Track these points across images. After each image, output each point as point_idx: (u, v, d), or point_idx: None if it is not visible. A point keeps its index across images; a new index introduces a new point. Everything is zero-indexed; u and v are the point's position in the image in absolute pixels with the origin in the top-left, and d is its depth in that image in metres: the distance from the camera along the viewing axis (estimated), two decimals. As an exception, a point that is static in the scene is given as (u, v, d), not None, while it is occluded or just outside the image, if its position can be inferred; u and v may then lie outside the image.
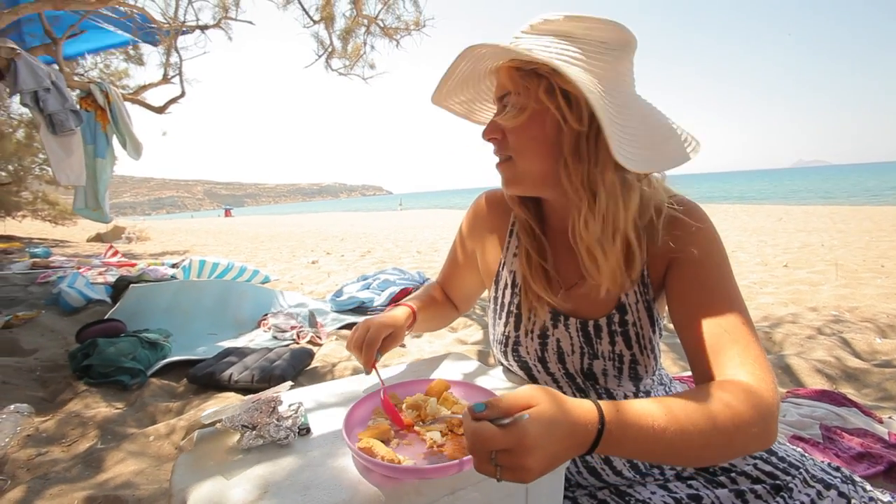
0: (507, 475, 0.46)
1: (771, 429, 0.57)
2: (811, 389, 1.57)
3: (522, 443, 0.45)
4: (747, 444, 0.56)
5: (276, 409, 0.67)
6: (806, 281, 3.56)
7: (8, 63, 2.49)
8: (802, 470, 0.74)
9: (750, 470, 0.75)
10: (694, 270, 0.69)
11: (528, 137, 0.69)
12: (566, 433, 0.48)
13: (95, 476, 1.33)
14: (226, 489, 0.55)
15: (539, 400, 0.48)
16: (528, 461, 0.45)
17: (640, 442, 0.51)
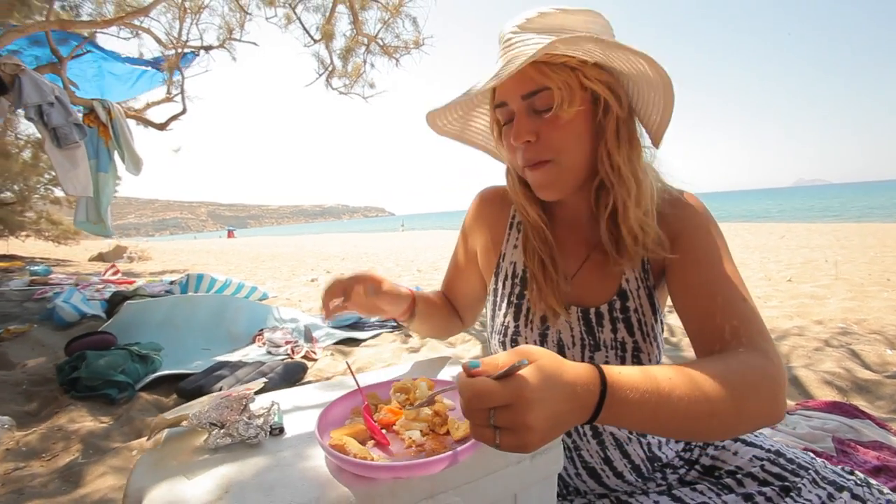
0: (507, 439, 0.42)
1: (780, 399, 0.55)
2: (821, 401, 1.51)
3: (523, 395, 0.41)
4: (757, 414, 0.54)
5: (248, 407, 0.63)
6: (811, 295, 3.50)
7: (12, 78, 2.53)
8: (812, 471, 0.69)
9: (757, 471, 0.71)
10: (692, 251, 0.69)
11: (573, 133, 0.68)
12: (568, 394, 0.44)
13: (73, 491, 1.27)
14: (185, 489, 0.51)
15: (537, 355, 0.45)
16: (529, 417, 0.41)
17: (645, 407, 0.47)
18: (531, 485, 0.61)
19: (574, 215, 0.80)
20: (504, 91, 0.69)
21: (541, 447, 0.44)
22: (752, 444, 0.77)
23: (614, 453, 0.76)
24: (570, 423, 0.46)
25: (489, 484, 0.57)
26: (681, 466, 0.80)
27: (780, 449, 0.75)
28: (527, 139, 0.67)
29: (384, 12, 4.41)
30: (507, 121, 0.72)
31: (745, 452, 0.75)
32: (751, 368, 0.55)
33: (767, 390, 0.54)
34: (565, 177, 0.70)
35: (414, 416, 0.61)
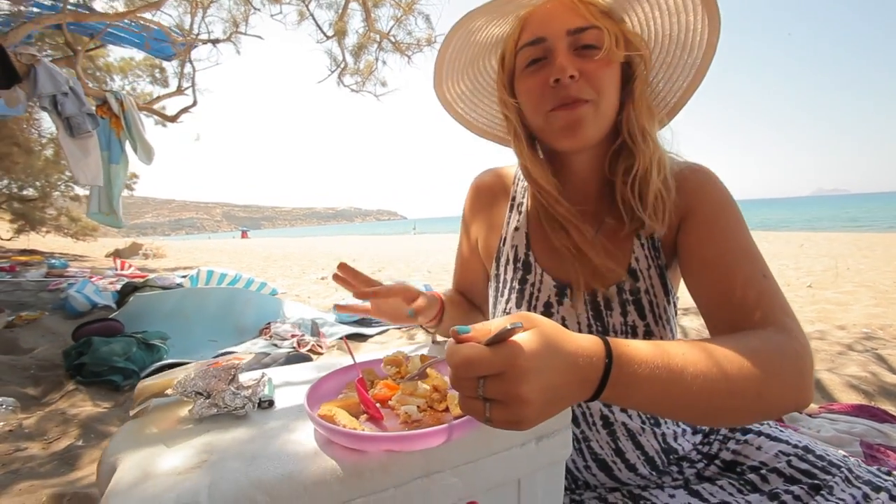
0: (498, 412, 0.37)
1: (807, 382, 0.50)
2: (847, 404, 1.43)
3: (516, 364, 0.36)
4: (781, 396, 0.48)
5: (236, 377, 0.59)
6: (833, 301, 3.38)
7: (28, 69, 2.57)
8: (845, 469, 0.63)
9: (783, 467, 0.65)
10: (706, 225, 0.64)
11: (612, 81, 0.65)
12: (568, 365, 0.39)
13: (69, 473, 1.25)
14: (163, 457, 0.47)
15: (536, 321, 0.40)
16: (522, 388, 0.36)
17: (655, 384, 0.42)
18: (537, 470, 0.57)
19: (582, 186, 0.75)
20: (544, 24, 0.64)
21: (536, 424, 0.38)
22: (777, 438, 0.71)
23: (626, 444, 0.70)
24: (569, 398, 0.40)
25: (490, 466, 0.53)
26: (699, 460, 0.74)
27: (808, 444, 0.69)
28: (572, 73, 0.62)
29: (397, 9, 4.42)
30: (532, 61, 0.66)
31: (769, 447, 0.69)
32: (774, 346, 0.50)
33: (793, 370, 0.49)
34: (596, 122, 0.65)
35: (411, 390, 0.56)
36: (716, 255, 0.61)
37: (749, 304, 0.56)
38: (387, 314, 0.77)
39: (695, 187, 0.68)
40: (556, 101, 0.64)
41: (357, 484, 0.45)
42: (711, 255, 0.62)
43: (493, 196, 0.85)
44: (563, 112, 0.64)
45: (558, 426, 0.57)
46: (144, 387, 0.59)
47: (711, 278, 0.61)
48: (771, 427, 0.75)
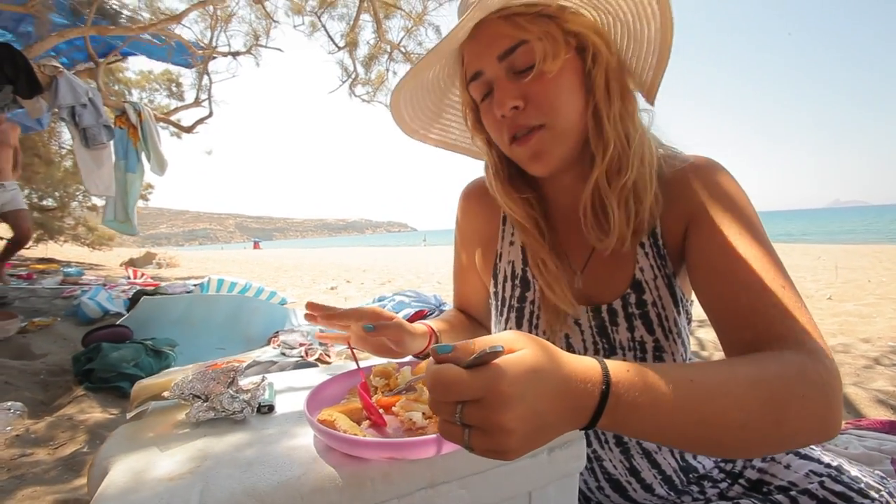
0: (477, 440, 0.33)
1: (832, 412, 0.44)
2: (876, 420, 1.36)
3: (496, 389, 0.32)
4: (803, 426, 0.42)
5: (235, 380, 0.57)
6: (855, 313, 3.27)
7: (50, 80, 2.64)
8: (885, 493, 0.58)
9: (815, 489, 0.59)
10: (713, 229, 0.57)
11: (563, 90, 0.58)
12: (558, 390, 0.35)
13: (74, 480, 1.24)
14: (155, 461, 0.46)
15: (522, 344, 0.36)
16: (503, 417, 0.32)
17: (658, 413, 0.38)
18: (548, 483, 0.53)
19: (572, 200, 0.68)
20: (476, 57, 0.60)
21: (522, 454, 0.35)
22: (807, 456, 0.65)
23: (641, 463, 0.66)
24: (559, 426, 0.36)
25: (500, 477, 0.50)
26: (722, 480, 0.69)
27: (842, 464, 0.63)
28: (513, 105, 0.58)
29: (407, 20, 4.48)
30: (484, 95, 0.62)
31: (799, 466, 0.64)
32: (796, 371, 0.44)
33: (817, 400, 0.43)
34: (559, 143, 0.60)
35: (416, 396, 0.54)
36: (727, 264, 0.55)
37: (766, 320, 0.50)
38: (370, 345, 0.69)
39: (700, 186, 0.61)
40: (511, 132, 0.61)
41: (357, 494, 0.42)
42: (722, 264, 0.55)
43: (484, 209, 0.80)
44: (521, 147, 0.61)
45: (572, 437, 0.54)
46: (142, 388, 0.58)
47: (722, 290, 0.55)
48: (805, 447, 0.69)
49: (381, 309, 0.69)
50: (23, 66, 2.42)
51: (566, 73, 0.58)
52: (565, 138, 0.61)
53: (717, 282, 0.55)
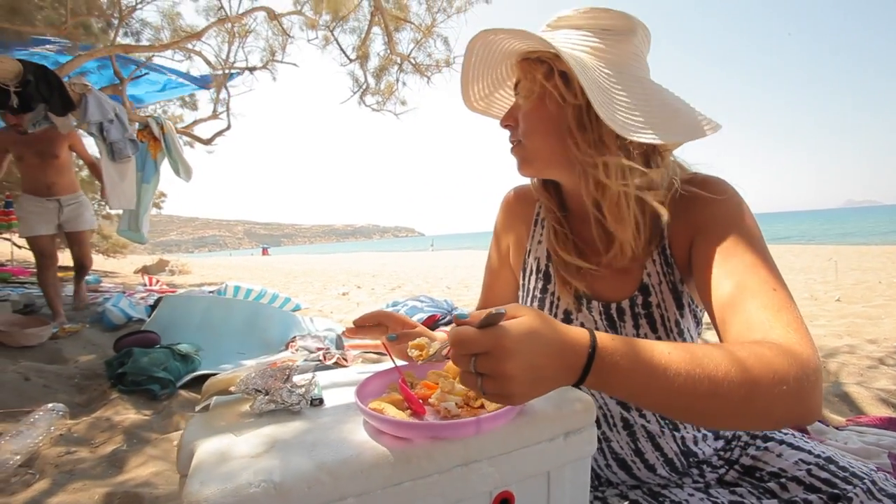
0: (488, 385, 0.44)
1: (809, 393, 0.48)
2: (875, 417, 1.42)
3: (501, 343, 0.43)
4: (774, 404, 0.47)
5: (291, 377, 0.66)
6: (863, 315, 3.30)
7: (80, 97, 2.77)
8: (868, 481, 0.63)
9: (803, 475, 0.66)
10: (716, 242, 0.65)
11: (535, 118, 0.73)
12: (553, 350, 0.46)
13: (117, 475, 1.33)
14: (234, 444, 0.54)
15: (524, 312, 0.47)
16: (507, 366, 0.43)
17: (635, 376, 0.47)
18: (565, 464, 0.61)
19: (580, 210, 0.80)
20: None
21: (527, 399, 0.47)
22: (799, 448, 0.72)
23: (646, 445, 0.74)
24: (554, 379, 0.47)
25: (523, 458, 0.57)
26: (720, 465, 0.77)
27: (832, 456, 0.69)
28: (507, 123, 0.77)
29: (417, 32, 4.61)
30: None
31: (790, 455, 0.70)
32: (772, 355, 0.49)
33: (792, 381, 0.47)
34: (532, 157, 0.75)
35: (449, 388, 0.62)
36: (726, 271, 0.62)
37: (758, 319, 0.56)
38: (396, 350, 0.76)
39: (706, 202, 0.69)
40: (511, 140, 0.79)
41: (406, 468, 0.51)
42: (721, 270, 0.63)
43: (521, 211, 0.92)
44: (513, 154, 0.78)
45: (585, 423, 0.61)
46: (212, 382, 0.66)
47: (721, 292, 0.61)
48: (795, 437, 0.76)
49: (406, 317, 0.81)
50: (56, 85, 2.56)
51: (542, 105, 0.72)
52: (539, 156, 0.75)
53: (718, 285, 0.62)
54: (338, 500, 0.48)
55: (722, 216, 0.67)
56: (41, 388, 1.94)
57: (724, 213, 0.67)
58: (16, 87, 2.55)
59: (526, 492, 0.58)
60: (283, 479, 0.46)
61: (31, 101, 2.65)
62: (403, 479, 0.50)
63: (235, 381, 0.64)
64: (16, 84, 2.55)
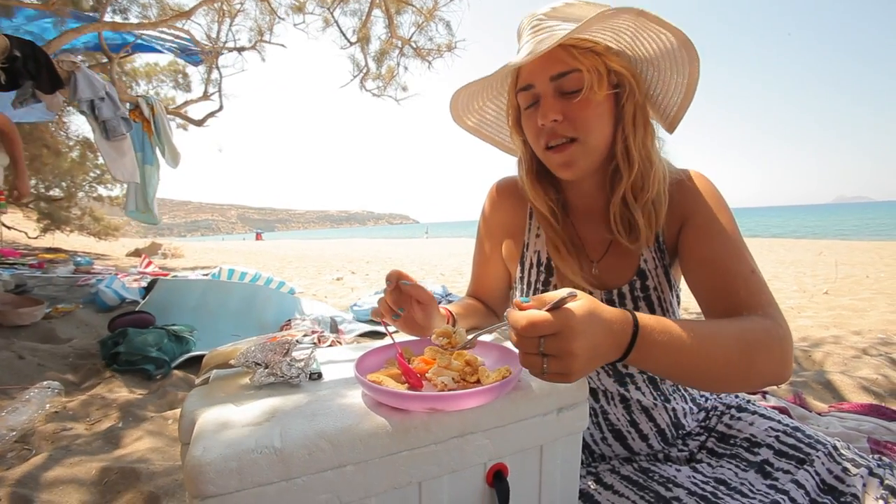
0: (553, 365, 0.47)
1: (787, 359, 0.60)
2: (857, 403, 1.46)
3: (570, 324, 0.46)
4: (766, 370, 0.59)
5: (290, 351, 0.67)
6: (849, 307, 3.36)
7: (69, 75, 2.72)
8: (829, 447, 0.70)
9: (772, 441, 0.72)
10: (703, 228, 0.73)
11: (597, 114, 0.71)
12: (605, 329, 0.49)
13: (113, 451, 1.34)
14: (235, 413, 0.55)
15: (580, 295, 0.50)
16: (574, 345, 0.46)
17: (670, 349, 0.52)
18: (557, 438, 0.63)
19: (592, 202, 0.83)
20: (531, 72, 0.71)
21: (580, 377, 0.49)
22: (770, 418, 0.78)
23: (640, 417, 0.78)
24: (605, 357, 0.50)
25: (517, 431, 0.59)
26: (700, 433, 0.81)
27: (799, 426, 0.75)
28: (554, 118, 0.70)
29: (418, 16, 4.55)
30: (529, 104, 0.75)
31: (761, 424, 0.76)
32: (762, 329, 0.60)
33: (777, 349, 0.59)
34: (587, 157, 0.73)
35: (446, 364, 0.63)
36: (712, 255, 0.70)
37: (740, 296, 0.66)
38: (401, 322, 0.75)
39: (693, 194, 0.75)
40: (546, 139, 0.73)
41: (404, 439, 0.52)
42: (708, 255, 0.71)
43: (513, 203, 0.91)
44: (556, 154, 0.73)
45: (577, 400, 0.63)
46: (212, 356, 0.67)
47: (708, 275, 0.70)
48: (766, 410, 0.82)
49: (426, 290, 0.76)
50: (44, 62, 2.50)
51: (603, 102, 0.71)
52: (594, 153, 0.74)
53: (705, 269, 0.71)
54: (337, 466, 0.49)
55: (705, 207, 0.74)
56: (35, 366, 1.94)
57: (707, 204, 0.74)
58: (2, 64, 2.49)
59: (519, 464, 0.60)
60: (283, 446, 0.48)
61: (18, 77, 2.59)
62: (401, 449, 0.52)
63: (235, 355, 0.65)
64: (2, 60, 2.49)
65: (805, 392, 1.64)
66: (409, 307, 0.73)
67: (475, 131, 0.91)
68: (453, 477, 0.56)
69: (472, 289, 1.00)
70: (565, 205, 0.85)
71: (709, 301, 0.70)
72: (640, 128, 0.72)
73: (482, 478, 0.58)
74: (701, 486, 0.67)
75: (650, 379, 0.79)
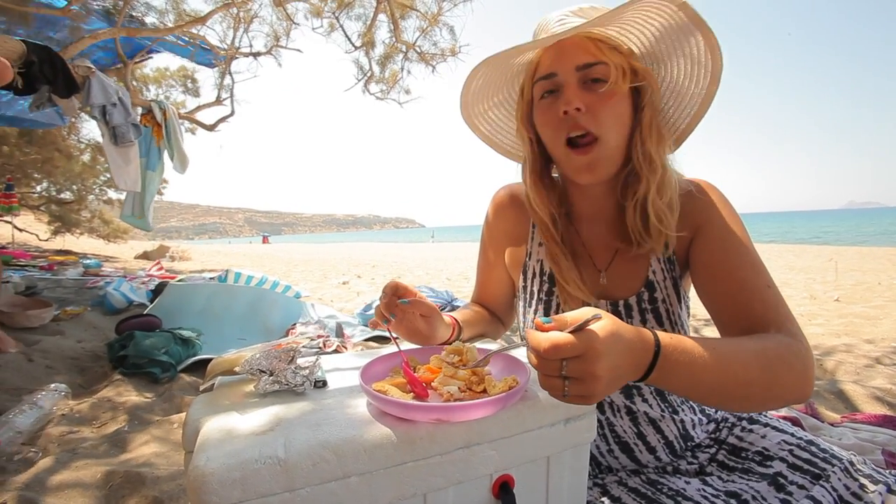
0: (575, 388, 0.45)
1: (809, 376, 0.58)
2: (870, 414, 1.43)
3: (594, 346, 0.44)
4: (788, 389, 0.57)
5: (295, 358, 0.66)
6: (861, 315, 3.31)
7: (83, 80, 2.76)
8: (846, 462, 0.67)
9: (786, 455, 0.69)
10: (716, 240, 0.71)
11: (618, 111, 0.69)
12: (628, 350, 0.48)
13: (119, 455, 1.35)
14: (239, 422, 0.55)
15: (602, 314, 0.48)
16: (597, 367, 0.44)
17: (692, 369, 0.51)
18: (564, 449, 0.62)
19: (600, 210, 0.81)
20: (556, 60, 0.70)
21: (601, 399, 0.48)
22: (782, 430, 0.76)
23: (647, 429, 0.76)
24: (627, 377, 0.49)
25: (523, 443, 0.58)
26: (710, 446, 0.79)
27: (813, 439, 0.73)
28: (578, 106, 0.67)
29: (423, 21, 4.58)
30: (546, 92, 0.72)
31: (773, 437, 0.74)
32: (783, 347, 0.58)
33: (799, 367, 0.57)
34: (611, 157, 0.71)
35: (452, 373, 0.63)
36: (726, 269, 0.68)
37: (757, 312, 0.64)
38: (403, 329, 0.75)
39: (705, 205, 0.73)
40: (568, 129, 0.69)
41: (408, 449, 0.51)
42: (722, 268, 0.69)
43: (515, 212, 0.89)
44: (580, 156, 0.70)
45: (584, 411, 0.62)
46: (217, 362, 0.67)
47: (722, 289, 0.68)
48: (779, 422, 0.80)
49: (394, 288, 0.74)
50: (60, 67, 2.55)
51: (623, 101, 0.70)
52: (615, 155, 0.72)
53: (719, 283, 0.69)
54: (341, 477, 0.49)
55: (719, 218, 0.72)
56: (44, 368, 1.96)
57: (721, 215, 0.72)
58: (20, 68, 2.53)
59: (525, 476, 0.59)
60: (287, 456, 0.47)
61: (35, 82, 2.64)
62: (406, 460, 0.51)
63: (240, 362, 0.65)
64: (19, 65, 2.54)
65: (817, 402, 1.61)
66: (412, 318, 0.73)
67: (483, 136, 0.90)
68: (459, 488, 0.55)
69: (477, 295, 0.99)
70: (569, 210, 0.83)
71: (723, 315, 0.68)
72: (656, 133, 0.71)
73: (488, 489, 0.57)
74: (711, 499, 0.66)
75: (657, 391, 0.77)
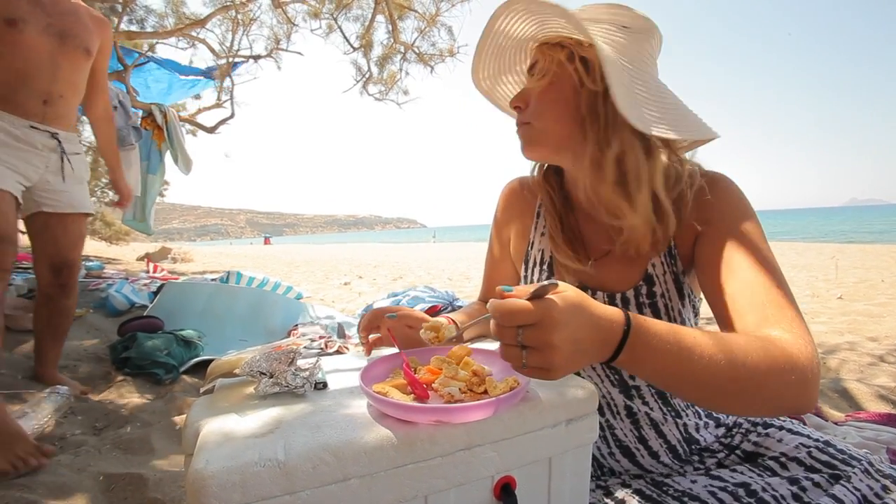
0: (532, 358, 0.45)
1: (808, 386, 0.53)
2: (875, 412, 1.42)
3: (550, 315, 0.43)
4: (782, 392, 0.52)
5: (295, 360, 0.66)
6: (864, 313, 3.29)
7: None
8: (865, 462, 0.65)
9: (804, 457, 0.67)
10: (722, 238, 0.67)
11: (548, 100, 0.73)
12: (591, 324, 0.46)
13: (121, 456, 1.35)
14: (238, 424, 0.54)
15: (565, 286, 0.48)
16: (554, 337, 0.43)
17: (665, 356, 0.48)
18: (566, 451, 0.62)
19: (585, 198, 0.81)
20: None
21: (564, 374, 0.46)
22: (798, 433, 0.74)
23: (649, 433, 0.75)
24: (591, 354, 0.48)
25: (525, 444, 0.58)
26: (720, 451, 0.77)
27: (829, 440, 0.71)
28: (517, 103, 0.76)
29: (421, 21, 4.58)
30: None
31: (790, 440, 0.72)
32: (779, 349, 0.53)
33: (797, 373, 0.52)
34: (539, 138, 0.75)
35: (453, 374, 0.62)
36: (731, 267, 0.65)
37: (761, 313, 0.60)
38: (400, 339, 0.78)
39: (712, 200, 0.71)
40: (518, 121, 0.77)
41: (409, 451, 0.51)
42: (727, 266, 0.66)
43: (522, 202, 0.92)
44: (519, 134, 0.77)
45: (586, 411, 0.62)
46: (217, 364, 0.67)
47: (726, 288, 0.65)
48: (793, 424, 0.78)
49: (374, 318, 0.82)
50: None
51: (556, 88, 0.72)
52: (546, 137, 0.75)
53: (722, 278, 0.65)
54: (342, 480, 0.48)
55: (727, 214, 0.69)
56: (46, 370, 1.95)
57: (730, 211, 0.70)
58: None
59: (527, 477, 0.59)
60: (287, 459, 0.47)
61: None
62: (407, 462, 0.51)
63: (240, 364, 0.65)
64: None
65: (820, 400, 1.60)
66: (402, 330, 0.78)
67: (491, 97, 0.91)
68: (460, 490, 0.55)
69: (483, 293, 1.01)
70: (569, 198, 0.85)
71: (725, 314, 0.64)
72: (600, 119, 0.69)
73: (490, 491, 0.57)
74: (719, 493, 0.64)
75: (658, 392, 0.76)
